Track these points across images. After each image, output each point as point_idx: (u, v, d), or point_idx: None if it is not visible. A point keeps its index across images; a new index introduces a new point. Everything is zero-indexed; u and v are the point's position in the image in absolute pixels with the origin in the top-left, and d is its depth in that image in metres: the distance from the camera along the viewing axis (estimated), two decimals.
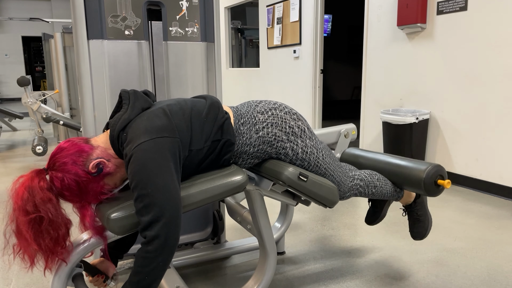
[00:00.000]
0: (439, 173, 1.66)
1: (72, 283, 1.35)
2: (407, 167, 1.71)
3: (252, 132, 1.46)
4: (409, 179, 1.69)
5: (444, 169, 1.68)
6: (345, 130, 2.04)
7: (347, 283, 1.94)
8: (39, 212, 1.16)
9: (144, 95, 1.38)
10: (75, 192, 1.24)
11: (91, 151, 1.28)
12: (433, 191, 1.66)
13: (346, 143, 2.06)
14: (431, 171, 1.64)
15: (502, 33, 3.09)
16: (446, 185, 1.64)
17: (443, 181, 1.65)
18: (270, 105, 1.53)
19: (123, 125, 1.29)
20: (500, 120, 3.17)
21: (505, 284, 1.91)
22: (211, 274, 2.05)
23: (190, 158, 1.35)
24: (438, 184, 1.65)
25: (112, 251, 1.51)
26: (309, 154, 1.53)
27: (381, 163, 1.81)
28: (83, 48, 1.77)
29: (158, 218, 1.17)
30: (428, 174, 1.64)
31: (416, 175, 1.66)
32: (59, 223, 1.20)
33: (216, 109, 1.42)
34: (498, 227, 2.59)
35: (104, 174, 1.29)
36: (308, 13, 5.22)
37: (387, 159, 1.80)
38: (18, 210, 1.17)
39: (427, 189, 1.65)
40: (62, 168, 1.22)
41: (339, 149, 2.09)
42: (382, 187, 1.73)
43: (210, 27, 2.02)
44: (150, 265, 1.18)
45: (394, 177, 1.76)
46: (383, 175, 1.79)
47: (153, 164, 1.19)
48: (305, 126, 1.54)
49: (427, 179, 1.64)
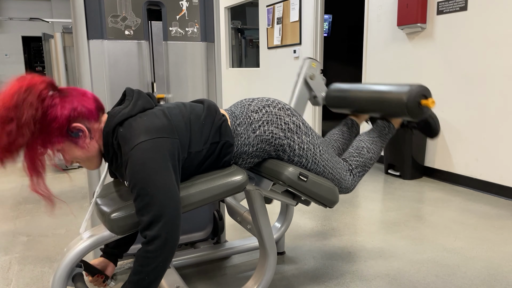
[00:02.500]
0: (422, 93, 1.57)
1: (72, 283, 1.35)
2: (389, 91, 1.64)
3: (249, 132, 1.46)
4: (392, 103, 1.62)
5: (427, 88, 1.59)
6: (306, 73, 1.92)
7: (347, 283, 1.94)
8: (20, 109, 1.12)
9: (147, 96, 1.38)
10: (42, 121, 1.16)
11: (92, 119, 1.25)
12: (417, 113, 1.58)
13: (319, 82, 1.95)
14: (413, 92, 1.56)
15: (502, 33, 3.09)
16: (430, 104, 1.55)
17: (427, 100, 1.57)
18: (263, 102, 1.53)
19: (121, 118, 1.26)
20: (500, 120, 3.16)
21: (505, 284, 1.91)
22: (211, 274, 2.05)
23: (189, 160, 1.35)
24: (422, 105, 1.58)
25: (112, 250, 1.51)
26: (305, 150, 1.53)
27: (364, 92, 1.75)
28: (83, 48, 1.77)
29: (158, 217, 1.17)
30: (411, 95, 1.56)
31: (398, 98, 1.58)
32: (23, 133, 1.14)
33: (213, 112, 1.43)
34: (498, 227, 2.59)
35: (72, 140, 1.24)
36: (308, 13, 5.22)
37: (369, 88, 1.74)
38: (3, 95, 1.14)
39: (411, 112, 1.57)
40: (64, 100, 1.20)
41: (318, 90, 1.99)
42: (375, 150, 1.72)
43: (210, 27, 2.02)
44: (151, 265, 1.18)
45: (378, 105, 1.69)
46: (367, 105, 1.74)
47: (152, 164, 1.18)
48: (299, 121, 1.54)
49: (410, 101, 1.56)
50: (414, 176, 3.76)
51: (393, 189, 3.46)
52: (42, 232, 2.62)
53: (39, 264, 2.18)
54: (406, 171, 3.74)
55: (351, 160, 1.70)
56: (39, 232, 2.62)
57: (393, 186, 3.54)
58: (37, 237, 2.55)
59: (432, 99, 1.58)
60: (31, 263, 2.20)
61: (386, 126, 1.78)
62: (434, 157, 3.74)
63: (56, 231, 2.64)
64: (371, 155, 1.71)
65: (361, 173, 1.70)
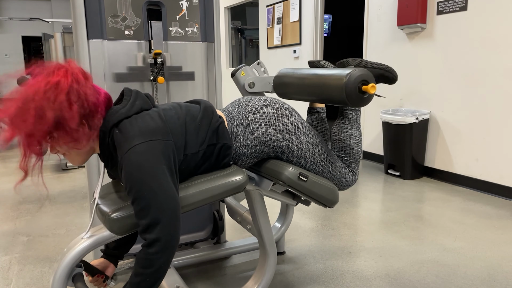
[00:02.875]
0: (363, 78, 1.45)
1: (72, 283, 1.35)
2: (329, 76, 1.52)
3: (247, 134, 1.46)
4: (331, 88, 1.50)
5: (370, 73, 1.47)
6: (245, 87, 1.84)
7: (347, 283, 1.94)
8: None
9: (145, 96, 1.38)
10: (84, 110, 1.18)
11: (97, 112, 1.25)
12: (357, 99, 1.46)
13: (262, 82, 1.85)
14: (353, 76, 1.44)
15: (502, 33, 3.09)
16: (370, 90, 1.43)
17: (367, 86, 1.44)
18: (261, 102, 1.52)
19: (118, 119, 1.25)
20: (500, 120, 3.16)
21: (505, 284, 1.91)
22: (211, 274, 2.05)
23: (186, 163, 1.34)
24: (363, 91, 1.45)
25: (112, 251, 1.51)
26: (304, 151, 1.52)
27: (307, 78, 1.63)
28: (83, 48, 1.77)
29: (156, 220, 1.17)
30: (350, 79, 1.43)
31: (337, 83, 1.46)
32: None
33: (210, 114, 1.41)
34: (498, 227, 2.59)
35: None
36: (308, 13, 5.22)
37: (310, 72, 1.63)
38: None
39: (350, 98, 1.45)
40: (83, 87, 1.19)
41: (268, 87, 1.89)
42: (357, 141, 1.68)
43: (210, 27, 2.02)
44: (152, 267, 1.18)
45: (318, 90, 1.57)
46: (308, 90, 1.64)
47: (147, 167, 1.18)
48: (298, 121, 1.53)
49: (348, 86, 1.43)
50: (414, 176, 3.76)
51: (393, 189, 3.46)
52: (42, 232, 2.62)
53: (39, 264, 2.18)
54: (406, 171, 3.74)
55: (344, 161, 1.70)
56: (39, 232, 2.62)
57: (393, 186, 3.54)
58: (37, 237, 2.55)
59: (373, 84, 1.45)
60: (31, 263, 2.20)
61: (351, 111, 1.70)
62: (434, 157, 3.74)
63: (56, 231, 2.64)
64: (356, 148, 1.69)
65: (357, 166, 1.71)
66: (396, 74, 1.71)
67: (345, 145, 1.69)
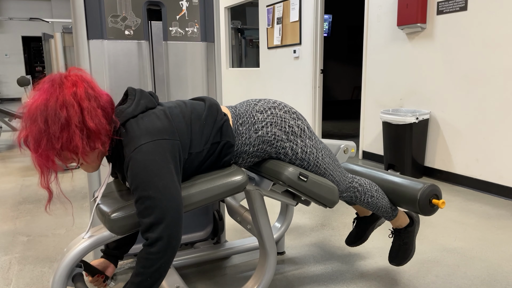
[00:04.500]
0: (434, 193, 1.67)
1: (72, 283, 1.35)
2: (402, 185, 1.73)
3: (251, 132, 1.46)
4: (404, 197, 1.70)
5: (439, 188, 1.69)
6: (345, 146, 2.04)
7: (347, 283, 1.94)
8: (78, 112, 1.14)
9: (149, 95, 1.38)
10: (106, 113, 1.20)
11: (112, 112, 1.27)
12: (427, 210, 1.67)
13: (344, 158, 2.07)
14: (426, 191, 1.65)
15: (502, 33, 3.09)
16: (441, 205, 1.65)
17: (438, 200, 1.66)
18: (270, 104, 1.53)
19: (124, 119, 1.26)
20: (500, 120, 3.17)
21: (505, 284, 1.91)
22: (211, 274, 2.05)
23: (190, 161, 1.34)
24: (433, 204, 1.67)
25: (112, 251, 1.51)
26: (308, 154, 1.53)
27: (377, 179, 1.82)
28: (83, 48, 1.77)
29: (159, 220, 1.17)
30: (423, 193, 1.65)
31: (411, 193, 1.67)
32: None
33: (215, 111, 1.42)
34: (498, 227, 2.59)
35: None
36: (308, 13, 5.22)
37: (382, 176, 1.81)
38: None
39: (422, 208, 1.66)
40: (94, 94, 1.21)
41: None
42: (378, 199, 1.71)
43: (210, 27, 2.02)
44: (153, 267, 1.18)
45: (389, 195, 1.76)
46: None
47: (154, 166, 1.18)
48: (304, 125, 1.54)
49: (422, 198, 1.65)
50: (414, 176, 3.76)
51: None
52: (42, 232, 2.63)
53: (39, 264, 2.18)
54: (406, 171, 3.74)
55: (361, 179, 1.71)
56: (39, 232, 2.62)
57: None
58: (37, 237, 2.55)
59: (443, 200, 1.66)
60: (31, 263, 2.20)
61: (393, 209, 1.80)
62: (434, 157, 3.74)
63: (56, 231, 2.64)
64: (375, 194, 1.71)
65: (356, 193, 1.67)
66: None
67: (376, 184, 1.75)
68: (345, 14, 8.78)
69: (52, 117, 1.12)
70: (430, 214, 1.69)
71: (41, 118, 1.12)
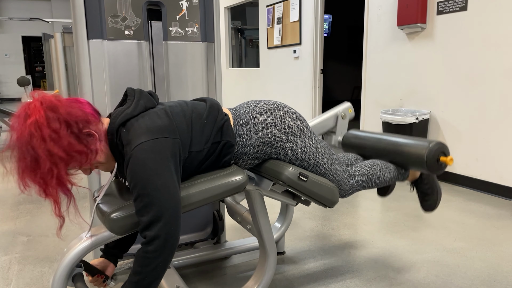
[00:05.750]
0: (441, 150, 1.66)
1: (72, 283, 1.35)
2: (409, 145, 1.72)
3: (251, 133, 1.46)
4: (411, 157, 1.70)
5: (445, 145, 1.67)
6: (342, 111, 2.02)
7: (347, 283, 1.94)
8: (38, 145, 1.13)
9: (149, 95, 1.38)
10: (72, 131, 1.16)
11: (95, 121, 1.25)
12: (435, 168, 1.66)
13: (345, 124, 2.04)
14: (433, 149, 1.64)
15: (502, 33, 3.09)
16: (449, 162, 1.64)
17: (446, 157, 1.65)
18: (269, 105, 1.53)
19: (124, 119, 1.27)
20: (500, 120, 3.16)
21: (505, 284, 1.91)
22: (211, 274, 2.05)
23: (190, 160, 1.34)
24: (441, 161, 1.66)
25: (112, 250, 1.51)
26: (308, 154, 1.53)
27: (383, 142, 1.81)
28: (83, 48, 1.77)
29: (158, 218, 1.17)
30: (430, 151, 1.64)
31: (418, 153, 1.66)
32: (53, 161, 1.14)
33: (215, 111, 1.42)
34: (498, 227, 2.59)
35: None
36: (308, 13, 5.22)
37: (389, 138, 1.81)
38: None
39: (430, 167, 1.65)
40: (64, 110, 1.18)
41: (340, 132, 2.08)
42: (385, 176, 1.73)
43: (210, 27, 2.02)
44: (150, 265, 1.18)
45: (397, 157, 1.76)
46: (385, 155, 1.80)
47: (153, 164, 1.18)
48: (304, 125, 1.54)
49: (429, 157, 1.64)
50: None
51: None
52: (42, 232, 2.62)
53: (39, 264, 2.18)
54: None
55: (362, 167, 1.71)
56: (39, 232, 2.62)
57: None
58: (37, 237, 2.55)
59: (451, 157, 1.67)
60: (31, 263, 2.20)
61: (402, 171, 1.82)
62: None
63: (56, 231, 2.64)
64: (380, 174, 1.73)
65: (362, 184, 1.69)
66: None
67: (379, 163, 1.76)
68: (345, 14, 8.78)
69: (24, 153, 1.13)
70: (439, 172, 1.69)
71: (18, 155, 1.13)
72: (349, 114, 2.06)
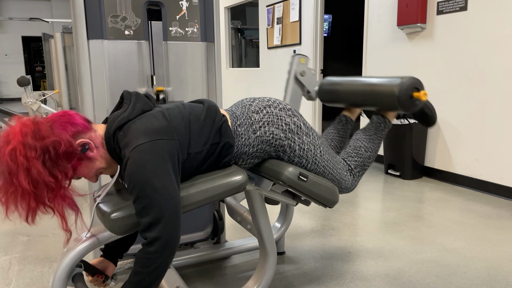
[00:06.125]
0: (414, 86, 1.55)
1: (72, 283, 1.35)
2: (381, 83, 1.63)
3: (249, 133, 1.46)
4: (383, 96, 1.61)
5: (419, 80, 1.57)
6: (296, 71, 1.91)
7: (347, 283, 1.94)
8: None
9: (145, 97, 1.38)
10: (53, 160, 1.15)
11: (87, 130, 1.26)
12: (409, 106, 1.56)
13: (310, 77, 1.93)
14: (405, 85, 1.54)
15: (502, 33, 3.09)
16: (422, 97, 1.54)
17: (419, 93, 1.55)
18: (264, 102, 1.53)
19: (121, 123, 1.27)
20: (500, 120, 3.16)
21: (505, 284, 1.91)
22: (211, 274, 2.05)
23: (189, 162, 1.34)
24: (414, 98, 1.56)
25: (112, 250, 1.51)
26: (306, 151, 1.52)
27: (356, 84, 1.74)
28: (83, 48, 1.77)
29: (157, 219, 1.17)
30: (402, 87, 1.54)
31: (390, 90, 1.57)
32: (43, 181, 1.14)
33: (213, 113, 1.42)
34: (498, 227, 2.59)
35: (85, 156, 1.25)
36: (308, 13, 5.22)
37: (362, 80, 1.73)
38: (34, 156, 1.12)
39: (403, 105, 1.55)
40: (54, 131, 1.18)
41: (311, 85, 1.98)
42: (373, 148, 1.71)
43: (210, 27, 2.02)
44: (151, 266, 1.18)
45: (370, 98, 1.68)
46: (359, 98, 1.74)
47: (151, 166, 1.18)
48: (300, 122, 1.54)
49: (401, 94, 1.54)
50: (414, 176, 3.76)
51: (393, 189, 3.46)
52: (42, 232, 2.63)
53: (39, 264, 2.18)
54: (406, 171, 3.74)
55: (350, 161, 1.70)
56: (39, 232, 2.62)
57: (393, 186, 3.54)
58: (37, 237, 2.55)
59: (424, 91, 1.55)
60: (31, 263, 2.20)
61: (382, 122, 1.76)
62: (434, 157, 3.74)
63: (56, 231, 2.64)
64: (369, 153, 1.71)
65: (361, 172, 1.70)
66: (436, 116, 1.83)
67: (361, 145, 1.72)
68: (345, 14, 8.78)
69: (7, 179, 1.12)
70: (414, 110, 1.59)
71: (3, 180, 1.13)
72: (305, 66, 1.92)
